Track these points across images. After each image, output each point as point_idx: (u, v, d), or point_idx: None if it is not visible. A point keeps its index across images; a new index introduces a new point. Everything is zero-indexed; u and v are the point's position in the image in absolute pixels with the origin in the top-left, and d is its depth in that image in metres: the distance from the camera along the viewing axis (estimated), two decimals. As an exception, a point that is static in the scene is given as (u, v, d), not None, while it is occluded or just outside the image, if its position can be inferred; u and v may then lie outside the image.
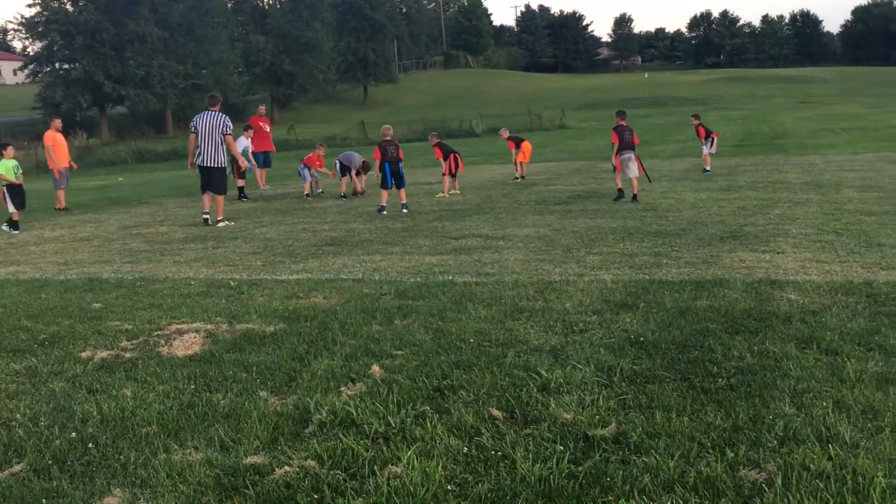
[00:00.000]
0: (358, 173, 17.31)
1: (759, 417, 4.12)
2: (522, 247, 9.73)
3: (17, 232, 13.69)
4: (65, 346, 6.08)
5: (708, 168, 18.37)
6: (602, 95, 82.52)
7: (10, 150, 14.28)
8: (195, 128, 13.58)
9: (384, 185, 13.99)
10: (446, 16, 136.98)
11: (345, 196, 16.85)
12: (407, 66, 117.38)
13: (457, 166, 16.46)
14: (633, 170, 13.92)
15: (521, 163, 19.22)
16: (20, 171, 14.42)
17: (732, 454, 3.72)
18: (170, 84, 62.27)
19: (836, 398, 4.31)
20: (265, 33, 76.22)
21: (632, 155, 14.01)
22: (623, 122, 14.22)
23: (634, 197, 13.65)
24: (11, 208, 13.94)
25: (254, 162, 18.96)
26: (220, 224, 13.27)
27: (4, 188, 14.07)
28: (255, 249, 10.62)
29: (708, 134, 18.70)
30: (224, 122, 13.52)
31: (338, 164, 17.46)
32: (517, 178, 18.82)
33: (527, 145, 19.40)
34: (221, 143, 13.50)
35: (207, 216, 13.60)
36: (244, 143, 18.58)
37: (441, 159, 16.37)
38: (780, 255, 8.37)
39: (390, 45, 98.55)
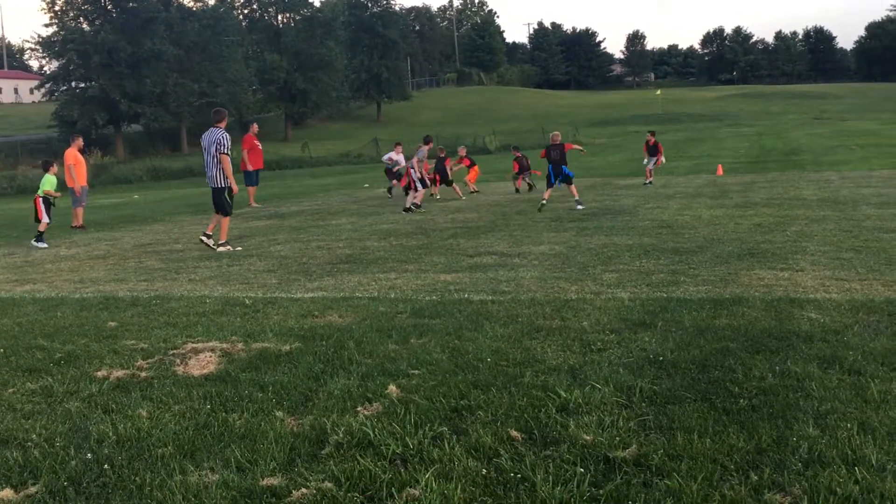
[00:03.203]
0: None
1: (783, 439, 4.05)
2: (538, 264, 9.68)
3: (45, 245, 14.09)
4: (80, 365, 6.04)
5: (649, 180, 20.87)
6: (615, 112, 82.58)
7: (54, 167, 15.72)
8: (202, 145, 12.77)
9: (549, 183, 16.67)
10: (459, 33, 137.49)
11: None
12: (420, 83, 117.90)
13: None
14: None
15: (469, 181, 21.45)
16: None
17: (756, 477, 3.65)
18: (185, 102, 62.74)
19: (861, 420, 4.23)
20: (279, 51, 76.84)
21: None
22: (519, 154, 21.41)
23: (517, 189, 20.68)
24: (46, 219, 14.74)
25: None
26: (220, 249, 12.37)
27: (41, 199, 14.95)
28: (270, 267, 10.61)
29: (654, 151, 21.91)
30: (218, 139, 12.35)
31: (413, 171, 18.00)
32: (473, 192, 21.07)
33: (476, 168, 22.23)
34: (216, 162, 12.40)
35: (205, 237, 12.63)
36: (395, 157, 18.80)
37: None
38: (798, 273, 8.29)
39: (403, 62, 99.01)
